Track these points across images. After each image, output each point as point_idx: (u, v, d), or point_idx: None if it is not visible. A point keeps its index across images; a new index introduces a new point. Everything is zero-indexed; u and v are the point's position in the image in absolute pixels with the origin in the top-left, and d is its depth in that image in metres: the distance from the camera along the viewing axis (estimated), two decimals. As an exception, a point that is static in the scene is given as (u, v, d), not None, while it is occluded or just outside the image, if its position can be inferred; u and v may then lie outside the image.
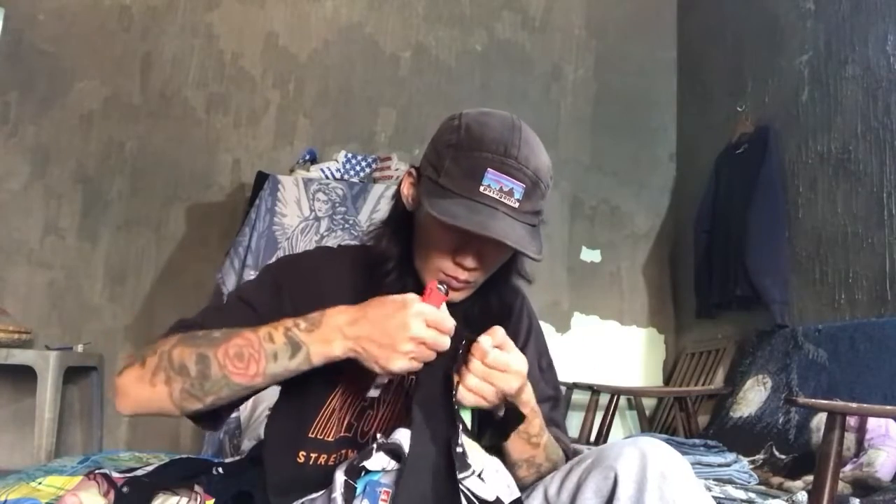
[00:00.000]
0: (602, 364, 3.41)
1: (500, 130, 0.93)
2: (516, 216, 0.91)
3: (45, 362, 2.72)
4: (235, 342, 0.86)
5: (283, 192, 2.79)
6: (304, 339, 0.86)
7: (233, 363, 0.85)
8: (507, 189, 0.90)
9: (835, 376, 2.25)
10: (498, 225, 0.89)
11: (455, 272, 0.96)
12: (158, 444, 3.02)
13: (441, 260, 0.96)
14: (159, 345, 0.89)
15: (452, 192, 0.91)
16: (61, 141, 3.24)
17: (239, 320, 0.92)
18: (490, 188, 0.90)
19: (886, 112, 2.38)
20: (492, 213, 0.90)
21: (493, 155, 0.91)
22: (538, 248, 0.93)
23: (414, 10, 3.61)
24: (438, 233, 0.94)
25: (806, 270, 2.67)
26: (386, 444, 0.81)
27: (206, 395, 0.86)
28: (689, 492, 0.84)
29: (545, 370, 1.15)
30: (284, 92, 3.44)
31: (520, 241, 0.90)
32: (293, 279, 1.02)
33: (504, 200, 0.90)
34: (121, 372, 0.91)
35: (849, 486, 1.77)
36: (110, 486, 1.39)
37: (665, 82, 3.78)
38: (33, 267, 3.16)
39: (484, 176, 0.90)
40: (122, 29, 3.36)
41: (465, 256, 0.95)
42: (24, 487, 1.64)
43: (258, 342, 0.86)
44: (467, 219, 0.88)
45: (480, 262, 0.96)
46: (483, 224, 0.88)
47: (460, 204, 0.90)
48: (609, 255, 3.60)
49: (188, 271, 3.22)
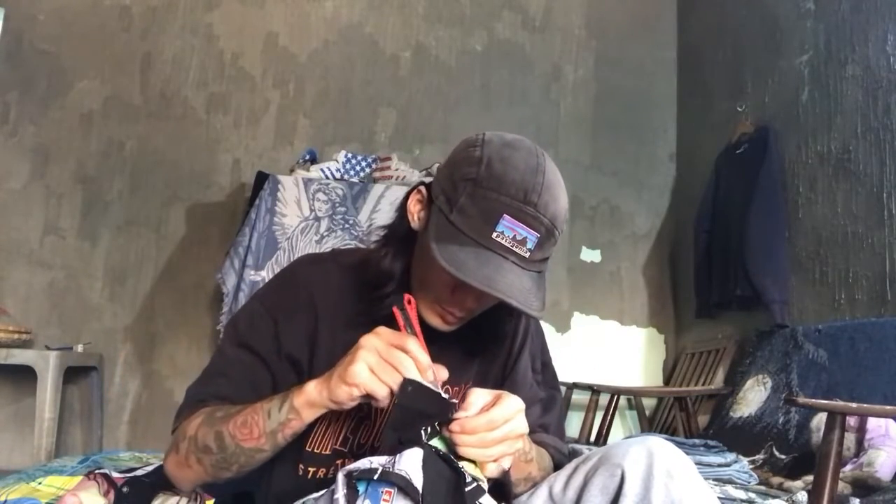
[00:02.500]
0: (602, 364, 3.41)
1: (522, 172, 0.87)
2: (525, 266, 0.88)
3: (45, 362, 2.72)
4: (243, 413, 0.90)
5: (283, 192, 2.79)
6: (289, 392, 0.88)
7: (240, 431, 0.89)
8: (521, 238, 0.87)
9: (835, 376, 2.25)
10: (505, 279, 0.86)
11: (452, 308, 0.94)
12: (158, 444, 3.02)
13: (440, 294, 0.93)
14: (187, 429, 0.94)
15: (463, 233, 0.87)
16: (61, 141, 3.25)
17: (246, 373, 0.96)
18: (503, 235, 0.86)
19: (886, 112, 2.38)
20: (500, 265, 0.86)
21: (512, 200, 0.86)
22: (541, 303, 0.90)
23: (414, 10, 3.61)
24: (441, 274, 0.89)
25: (806, 270, 2.67)
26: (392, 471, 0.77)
27: (231, 465, 0.91)
28: (695, 490, 0.84)
29: (539, 371, 1.13)
30: (284, 92, 3.44)
31: (525, 298, 0.87)
32: (287, 309, 1.00)
33: (515, 249, 0.87)
34: (166, 458, 0.99)
35: (849, 486, 1.77)
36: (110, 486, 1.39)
37: (665, 82, 3.78)
38: (33, 267, 3.16)
39: (499, 222, 0.86)
40: (122, 29, 3.36)
41: (465, 300, 0.93)
42: (24, 487, 1.65)
43: (260, 406, 0.89)
44: (474, 273, 0.85)
45: (479, 303, 0.95)
46: (490, 279, 0.85)
47: (469, 252, 0.86)
48: (609, 255, 3.61)
49: (188, 271, 3.22)
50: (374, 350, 0.82)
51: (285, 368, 0.98)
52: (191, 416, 0.95)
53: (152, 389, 3.17)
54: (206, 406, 0.95)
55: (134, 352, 3.18)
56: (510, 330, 1.08)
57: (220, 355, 1.03)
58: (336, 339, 0.97)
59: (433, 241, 0.87)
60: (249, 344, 0.99)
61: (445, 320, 0.95)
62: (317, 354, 0.98)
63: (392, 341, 0.83)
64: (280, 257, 2.72)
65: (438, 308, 0.95)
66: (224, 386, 0.97)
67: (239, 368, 0.98)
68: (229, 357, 1.01)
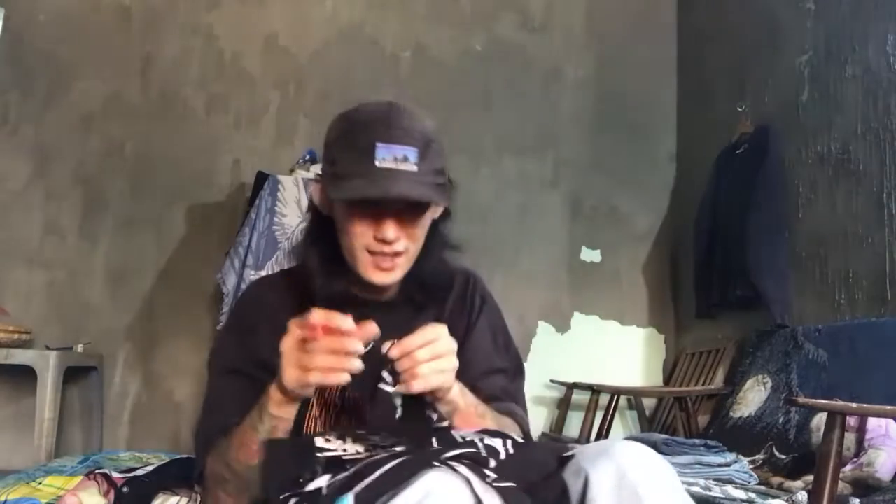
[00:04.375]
0: (602, 364, 3.41)
1: (376, 110, 0.97)
2: (419, 178, 0.94)
3: (45, 362, 2.71)
4: (237, 437, 0.94)
5: (283, 192, 2.79)
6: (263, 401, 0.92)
7: (241, 453, 0.93)
8: (401, 156, 0.93)
9: (835, 376, 2.25)
10: (401, 186, 0.92)
11: (380, 248, 0.98)
12: (158, 444, 3.02)
13: (363, 241, 0.98)
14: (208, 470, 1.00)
15: (351, 174, 0.94)
16: (61, 141, 3.24)
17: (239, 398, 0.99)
18: (385, 160, 0.93)
19: (886, 112, 2.38)
20: (392, 178, 0.93)
21: (378, 129, 0.94)
22: (446, 199, 0.98)
23: (414, 10, 3.61)
24: (352, 217, 0.97)
25: (806, 270, 2.67)
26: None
27: (250, 484, 0.93)
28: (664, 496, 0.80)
29: (500, 346, 1.17)
30: (284, 92, 3.44)
31: (425, 196, 0.94)
32: (252, 326, 1.05)
33: (402, 168, 0.93)
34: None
35: (849, 486, 1.77)
36: (110, 486, 1.39)
37: (665, 82, 3.78)
38: (33, 267, 3.15)
39: (375, 151, 0.93)
40: (122, 29, 3.36)
41: (384, 230, 0.96)
42: (24, 487, 1.65)
43: (247, 425, 0.93)
44: (369, 188, 0.92)
45: (401, 229, 0.98)
46: (385, 188, 0.92)
47: (360, 182, 0.93)
48: (609, 255, 3.60)
49: (188, 271, 3.22)
50: (292, 350, 0.86)
51: (266, 377, 1.00)
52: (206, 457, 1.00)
53: (152, 389, 3.17)
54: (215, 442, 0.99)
55: (134, 352, 3.17)
56: (457, 305, 1.13)
57: (211, 390, 1.07)
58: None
59: (330, 191, 0.97)
60: (232, 368, 1.03)
61: (382, 266, 1.00)
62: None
63: (302, 330, 0.86)
64: (280, 257, 2.72)
65: (370, 257, 0.99)
66: (224, 419, 1.00)
67: (231, 396, 1.01)
68: (219, 389, 1.05)
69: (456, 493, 0.72)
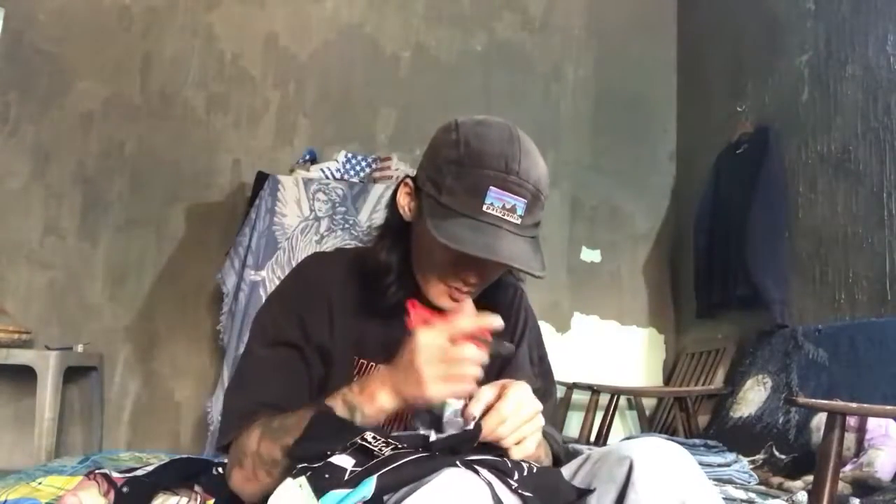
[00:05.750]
0: (602, 364, 3.41)
1: (499, 144, 0.93)
2: (519, 232, 0.92)
3: (45, 362, 2.72)
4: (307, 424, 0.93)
5: (283, 192, 2.79)
6: (357, 402, 0.90)
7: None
8: (510, 206, 0.91)
9: (835, 376, 2.25)
10: (503, 246, 0.90)
11: (457, 284, 0.98)
12: (158, 444, 3.02)
13: (444, 274, 0.98)
14: (247, 444, 0.94)
15: (455, 211, 0.91)
16: (61, 141, 3.24)
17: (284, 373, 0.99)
18: (493, 206, 0.91)
19: (886, 112, 2.38)
20: (496, 233, 0.91)
21: (495, 171, 0.91)
22: (541, 264, 0.95)
23: (414, 10, 3.61)
24: (442, 251, 0.93)
25: (806, 270, 2.67)
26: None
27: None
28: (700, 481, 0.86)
29: (536, 364, 1.17)
30: (284, 92, 3.44)
31: (526, 261, 0.92)
32: (306, 303, 1.04)
33: (507, 218, 0.91)
34: (229, 475, 0.98)
35: (849, 486, 1.77)
36: (110, 486, 1.39)
37: (665, 82, 3.78)
38: (33, 267, 3.16)
39: (487, 194, 0.90)
40: (122, 29, 3.36)
41: (468, 273, 0.96)
42: (24, 487, 1.65)
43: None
44: (473, 242, 0.89)
45: (483, 276, 0.98)
46: (490, 247, 0.89)
47: (464, 225, 0.90)
48: (609, 255, 3.60)
49: (188, 271, 3.22)
50: (435, 361, 0.85)
51: (316, 358, 1.02)
52: (245, 429, 0.96)
53: (152, 389, 3.17)
54: (256, 417, 0.95)
55: (134, 352, 3.18)
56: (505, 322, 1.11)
57: (253, 359, 1.04)
58: (347, 326, 1.03)
59: (429, 222, 0.92)
60: (282, 339, 1.01)
61: (453, 297, 0.99)
62: (335, 342, 1.03)
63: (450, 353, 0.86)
64: (280, 257, 2.72)
65: (444, 287, 0.98)
66: (267, 392, 0.98)
67: (276, 369, 1.00)
68: (263, 360, 1.02)
69: (476, 491, 0.74)
